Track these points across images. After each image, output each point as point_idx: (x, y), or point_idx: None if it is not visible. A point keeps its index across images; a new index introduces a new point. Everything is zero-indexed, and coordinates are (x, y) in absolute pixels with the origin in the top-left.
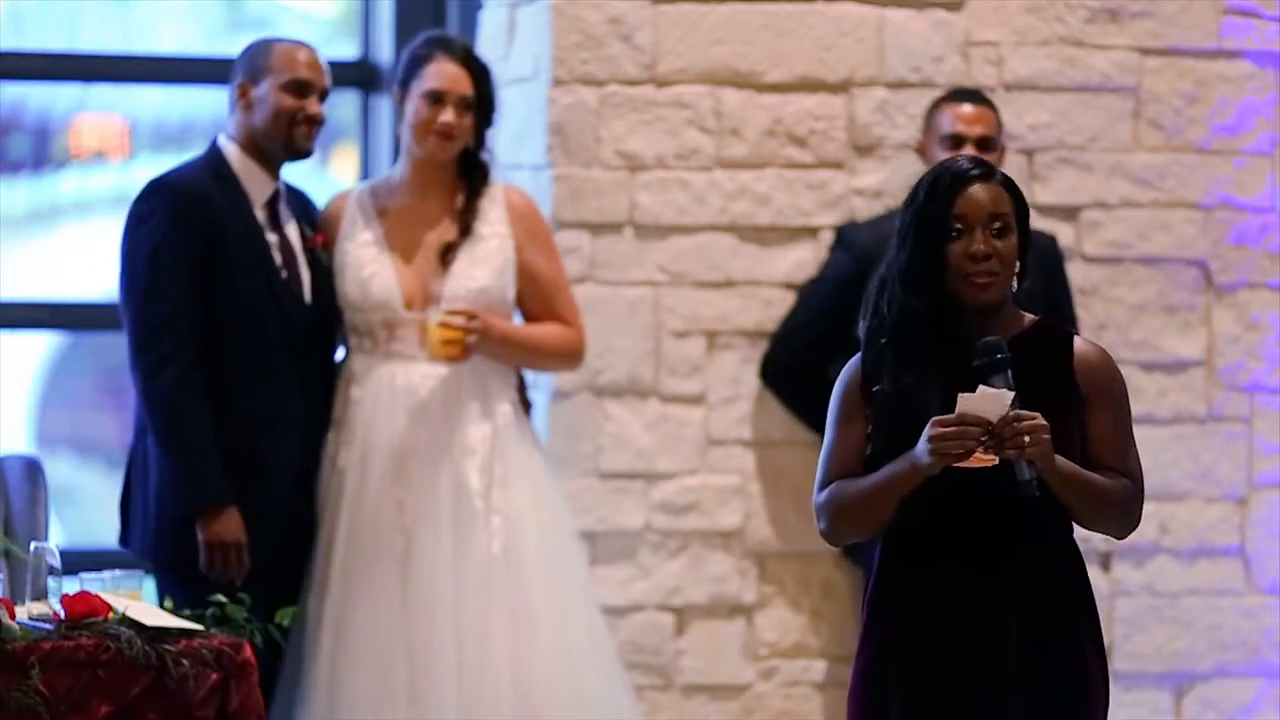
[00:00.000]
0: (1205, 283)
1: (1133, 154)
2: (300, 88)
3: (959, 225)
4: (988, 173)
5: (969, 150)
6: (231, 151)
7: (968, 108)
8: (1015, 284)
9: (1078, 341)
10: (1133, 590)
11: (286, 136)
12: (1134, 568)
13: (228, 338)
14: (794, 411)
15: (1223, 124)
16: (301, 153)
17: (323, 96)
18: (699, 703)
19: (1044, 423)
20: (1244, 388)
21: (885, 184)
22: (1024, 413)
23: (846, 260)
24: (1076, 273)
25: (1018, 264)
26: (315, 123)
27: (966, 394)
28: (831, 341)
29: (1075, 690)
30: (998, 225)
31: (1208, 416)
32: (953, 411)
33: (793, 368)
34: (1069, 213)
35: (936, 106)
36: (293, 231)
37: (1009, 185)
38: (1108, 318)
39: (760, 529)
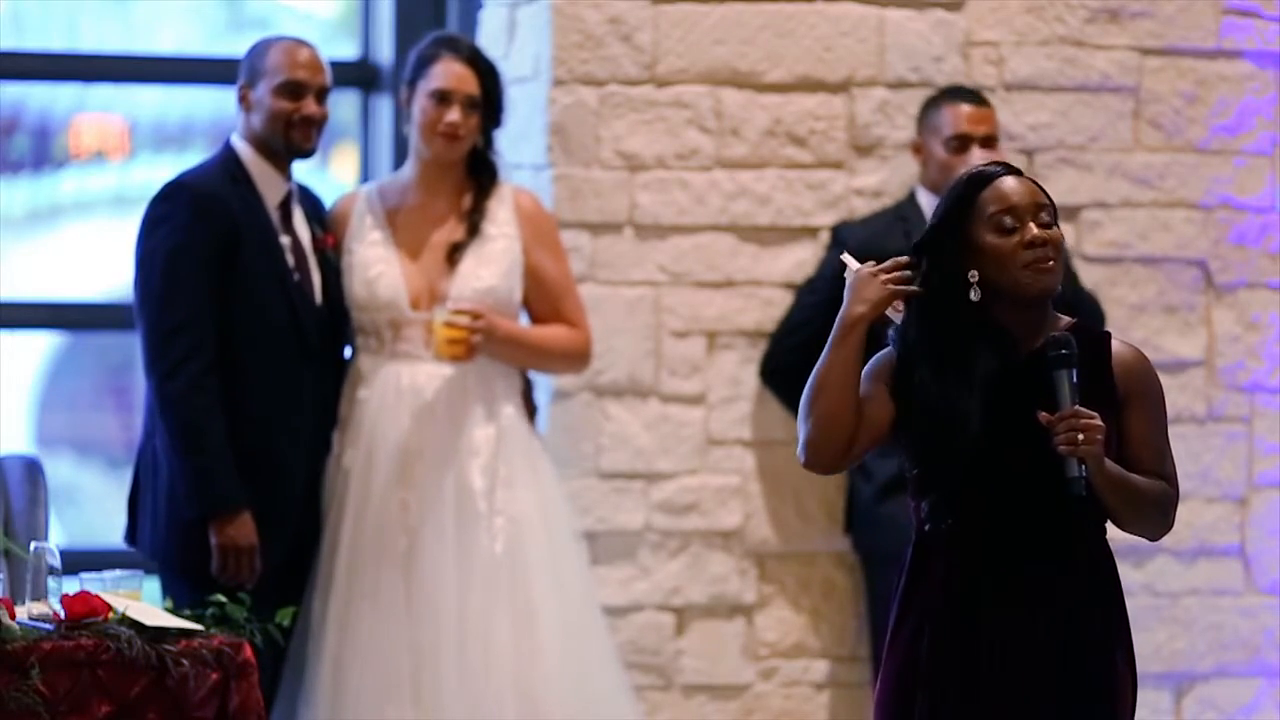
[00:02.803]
0: (1205, 283)
1: (1133, 154)
2: (294, 89)
3: (1007, 219)
4: (1015, 169)
5: (975, 150)
6: (245, 151)
7: (970, 108)
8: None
9: (1115, 343)
10: (1133, 590)
11: (285, 138)
12: (1134, 568)
13: (241, 340)
14: (793, 411)
15: (1223, 124)
16: (302, 153)
17: (321, 95)
18: (699, 703)
19: (1101, 424)
20: (1244, 388)
21: (885, 184)
22: (1083, 410)
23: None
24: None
25: None
26: (313, 123)
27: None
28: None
29: (1105, 692)
30: (1045, 215)
31: (1208, 416)
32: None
33: (791, 367)
34: (1069, 213)
35: (934, 106)
36: (304, 233)
37: (1038, 183)
38: (1108, 318)
39: (760, 529)
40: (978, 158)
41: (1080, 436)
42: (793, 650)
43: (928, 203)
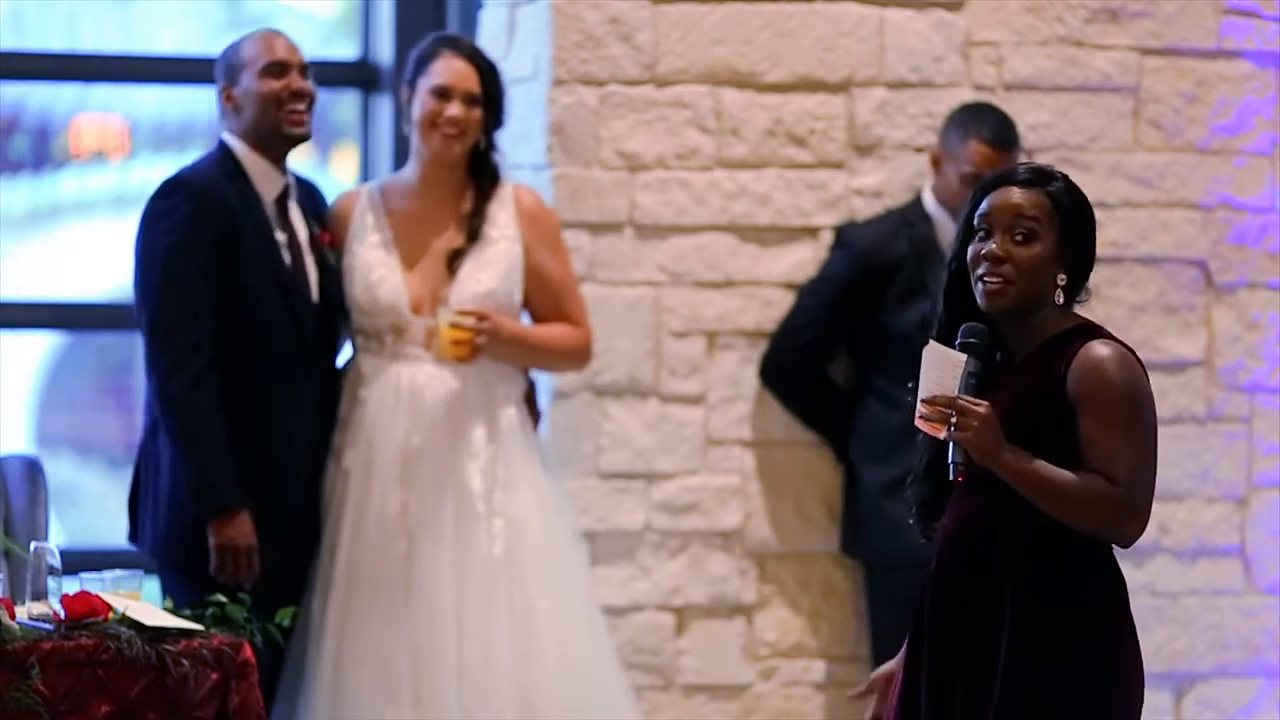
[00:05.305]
0: (1205, 283)
1: (1133, 154)
2: (279, 69)
3: (985, 227)
4: (1033, 179)
5: None
6: (239, 148)
7: (996, 153)
8: (1061, 296)
9: (1090, 345)
10: (1133, 590)
11: (277, 120)
12: (1134, 568)
13: (239, 336)
14: (793, 411)
15: (1223, 124)
16: (298, 136)
17: (304, 71)
18: (699, 703)
19: (978, 410)
20: (1244, 388)
21: (885, 184)
22: (967, 398)
23: (845, 260)
24: None
25: (1062, 276)
26: (303, 97)
27: (927, 348)
28: (830, 341)
29: (1089, 693)
30: (1021, 231)
31: (1208, 416)
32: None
33: (792, 367)
34: None
35: (963, 130)
36: (301, 230)
37: (1059, 194)
38: (1108, 318)
39: (760, 529)
40: None
41: (955, 421)
42: (792, 650)
43: (934, 207)
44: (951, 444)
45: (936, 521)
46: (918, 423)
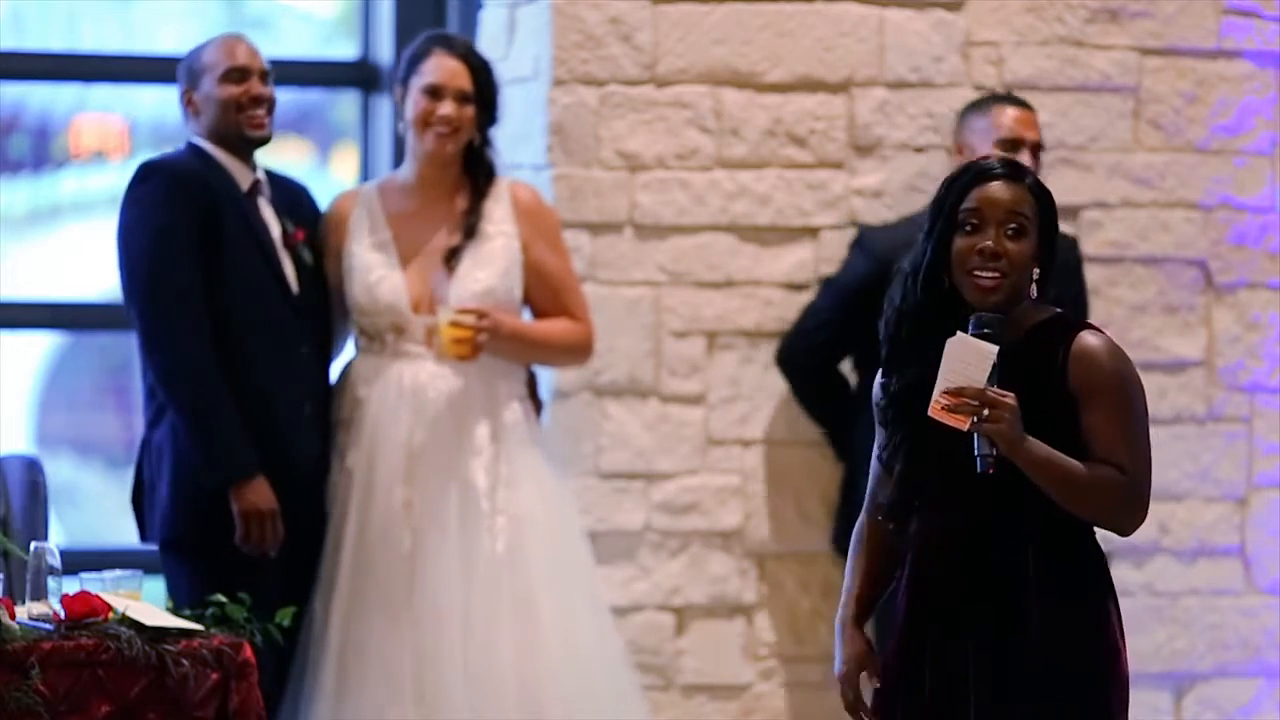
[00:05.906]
0: (1205, 283)
1: (1133, 154)
2: (239, 74)
3: (973, 220)
4: (1015, 174)
5: (1025, 155)
6: (207, 145)
7: (1022, 112)
8: (1035, 290)
9: (1082, 336)
10: (1133, 590)
11: (238, 124)
12: (1134, 568)
13: (233, 311)
14: (800, 403)
15: (1223, 124)
16: (259, 139)
17: (264, 77)
18: (699, 703)
19: (1008, 402)
20: (1244, 388)
21: (885, 184)
22: (993, 389)
23: (864, 263)
24: None
25: (1036, 270)
26: (262, 102)
27: (953, 339)
28: (841, 344)
29: (1069, 689)
30: (1013, 226)
31: (1207, 416)
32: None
33: (805, 365)
34: (1069, 213)
35: (981, 108)
36: (273, 226)
37: (1037, 190)
38: (1108, 318)
39: (760, 529)
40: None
41: (985, 413)
42: (793, 650)
43: None
44: (977, 436)
45: (906, 523)
46: (936, 414)
